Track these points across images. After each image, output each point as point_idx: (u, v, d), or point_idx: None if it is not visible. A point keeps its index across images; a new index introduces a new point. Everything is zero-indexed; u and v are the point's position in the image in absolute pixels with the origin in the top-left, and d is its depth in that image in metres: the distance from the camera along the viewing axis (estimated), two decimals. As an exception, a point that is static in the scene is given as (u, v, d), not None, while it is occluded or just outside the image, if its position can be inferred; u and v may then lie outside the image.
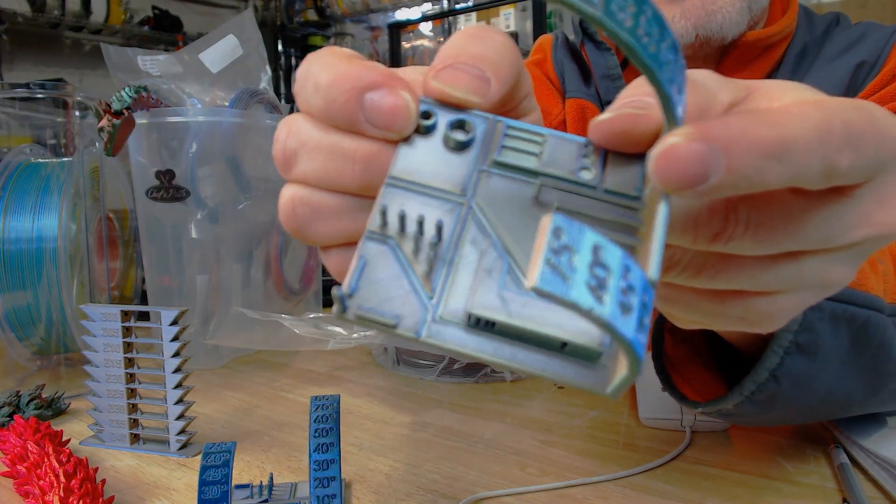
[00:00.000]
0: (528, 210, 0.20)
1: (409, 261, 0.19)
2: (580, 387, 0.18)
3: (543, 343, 0.18)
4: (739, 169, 0.16)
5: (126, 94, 0.61)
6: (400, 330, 0.18)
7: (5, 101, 0.71)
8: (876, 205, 0.20)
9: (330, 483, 0.35)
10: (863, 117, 0.18)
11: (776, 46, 0.68)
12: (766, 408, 0.34)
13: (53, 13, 3.09)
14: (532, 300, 0.18)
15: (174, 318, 0.44)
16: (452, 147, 0.20)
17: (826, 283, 0.22)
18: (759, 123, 0.17)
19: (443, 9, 3.27)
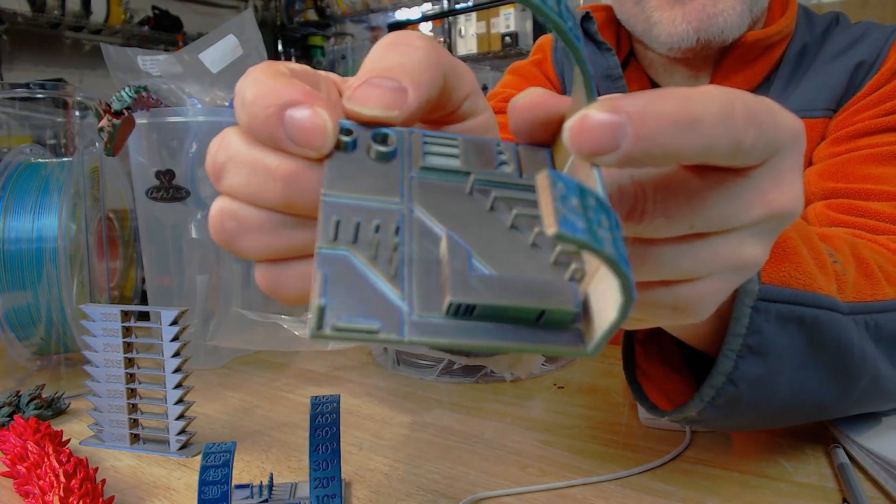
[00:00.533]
0: (467, 204, 0.21)
1: (370, 267, 0.18)
2: (564, 353, 0.18)
3: (521, 318, 0.18)
4: (647, 136, 0.18)
5: (126, 94, 0.61)
6: (382, 335, 0.17)
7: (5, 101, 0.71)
8: (772, 184, 0.22)
9: (330, 483, 0.35)
10: (762, 103, 0.20)
11: (776, 46, 0.68)
12: (730, 412, 0.35)
13: (53, 13, 3.09)
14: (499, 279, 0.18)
15: (174, 318, 0.44)
16: (378, 159, 0.21)
17: (741, 264, 0.23)
18: (666, 97, 0.18)
19: (443, 9, 3.28)
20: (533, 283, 0.19)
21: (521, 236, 0.20)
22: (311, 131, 0.20)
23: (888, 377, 0.38)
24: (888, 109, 0.60)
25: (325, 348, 0.61)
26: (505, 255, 0.19)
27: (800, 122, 0.23)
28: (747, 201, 0.22)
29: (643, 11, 0.67)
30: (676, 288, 0.23)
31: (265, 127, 0.20)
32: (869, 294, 0.37)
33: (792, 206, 0.23)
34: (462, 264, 0.19)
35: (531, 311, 0.18)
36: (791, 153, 0.22)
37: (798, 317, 0.33)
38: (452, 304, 0.18)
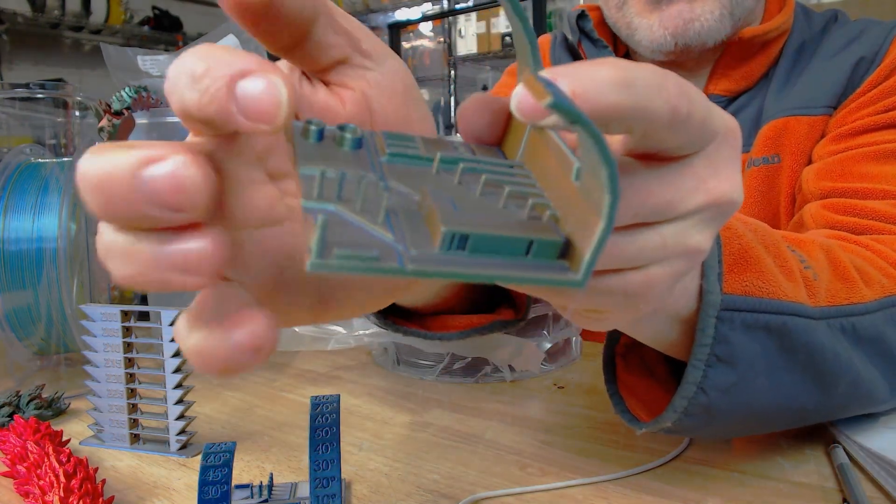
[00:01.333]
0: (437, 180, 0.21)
1: (357, 216, 0.19)
2: (555, 282, 0.19)
3: (511, 250, 0.19)
4: (582, 95, 0.19)
5: (126, 94, 0.61)
6: (382, 263, 0.17)
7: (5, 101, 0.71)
8: (710, 172, 0.23)
9: (330, 483, 0.35)
10: (691, 88, 0.21)
11: (773, 42, 0.68)
12: (706, 421, 0.35)
13: (53, 13, 3.09)
14: (486, 216, 0.19)
15: (174, 318, 0.44)
16: (344, 146, 0.21)
17: (687, 251, 0.24)
18: (600, 63, 0.20)
19: (443, 9, 3.28)
20: (517, 221, 0.20)
21: (492, 201, 0.20)
22: (264, 102, 0.18)
23: (870, 380, 0.38)
24: (888, 106, 0.60)
25: (326, 348, 0.61)
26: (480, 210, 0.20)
27: (733, 119, 0.24)
28: (688, 189, 0.23)
29: (625, 17, 0.68)
30: (627, 275, 0.24)
31: (216, 102, 0.18)
32: (844, 297, 0.37)
33: (731, 195, 0.24)
34: (447, 205, 0.19)
35: (521, 242, 0.19)
36: (726, 146, 0.24)
37: (764, 324, 0.33)
38: (446, 235, 0.18)
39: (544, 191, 0.21)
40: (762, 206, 0.66)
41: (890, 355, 0.39)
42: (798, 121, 0.65)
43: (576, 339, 0.66)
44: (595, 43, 0.75)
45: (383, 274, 0.17)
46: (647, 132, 0.21)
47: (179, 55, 0.20)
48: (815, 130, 0.65)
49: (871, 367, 0.38)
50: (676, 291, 0.31)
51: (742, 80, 0.69)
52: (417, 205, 0.20)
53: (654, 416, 0.38)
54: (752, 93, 0.69)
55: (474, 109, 0.24)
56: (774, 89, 0.67)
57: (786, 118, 0.65)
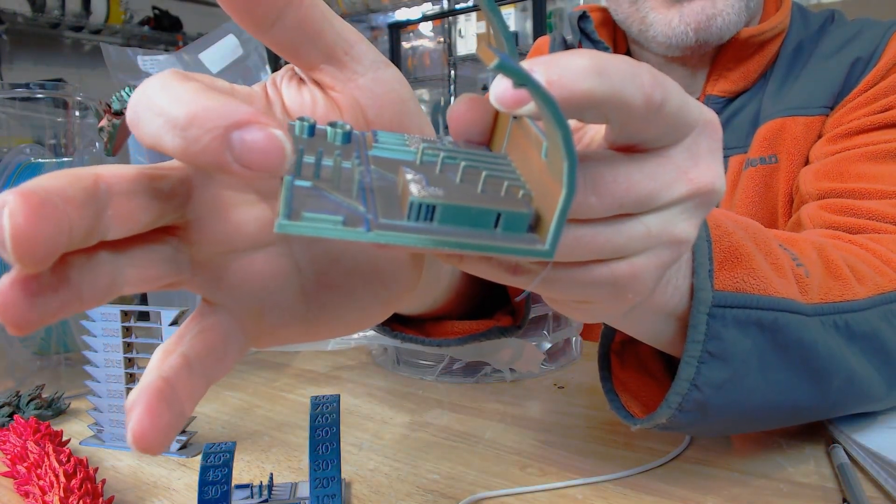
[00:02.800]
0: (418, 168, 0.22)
1: (332, 192, 0.19)
2: (522, 252, 0.19)
3: (480, 222, 0.19)
4: (557, 83, 0.19)
5: (126, 94, 0.61)
6: (348, 227, 0.18)
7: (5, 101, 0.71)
8: (690, 163, 0.24)
9: (330, 483, 0.35)
10: (668, 78, 0.22)
11: (770, 43, 0.68)
12: (701, 417, 0.35)
13: (53, 13, 3.09)
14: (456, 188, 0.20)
15: (174, 318, 0.44)
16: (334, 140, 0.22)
17: (673, 240, 0.25)
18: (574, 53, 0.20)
19: (443, 9, 3.28)
20: (488, 195, 0.20)
21: (470, 185, 0.21)
22: (268, 153, 0.18)
23: (864, 377, 0.38)
24: (884, 106, 0.60)
25: (326, 348, 0.61)
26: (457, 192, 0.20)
27: (713, 112, 0.25)
28: (669, 179, 0.24)
29: (639, 12, 0.68)
30: (613, 264, 0.24)
31: (208, 152, 0.18)
32: (837, 295, 0.38)
33: (712, 184, 0.24)
34: (420, 181, 0.20)
35: (489, 213, 0.19)
36: (705, 137, 0.24)
37: (756, 320, 0.33)
38: (414, 204, 0.18)
39: (523, 177, 0.22)
40: (759, 207, 0.66)
41: (885, 352, 0.39)
42: (795, 121, 0.65)
43: (576, 339, 0.66)
44: (595, 44, 0.75)
45: (348, 237, 0.18)
46: (623, 121, 0.22)
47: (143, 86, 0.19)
48: (812, 130, 0.65)
49: (866, 364, 0.38)
50: (669, 289, 0.31)
51: (740, 81, 0.69)
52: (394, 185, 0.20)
53: (648, 412, 0.38)
54: (749, 94, 0.69)
55: (463, 109, 0.25)
56: (772, 90, 0.68)
57: (783, 119, 0.66)
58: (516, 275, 0.25)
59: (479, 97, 0.25)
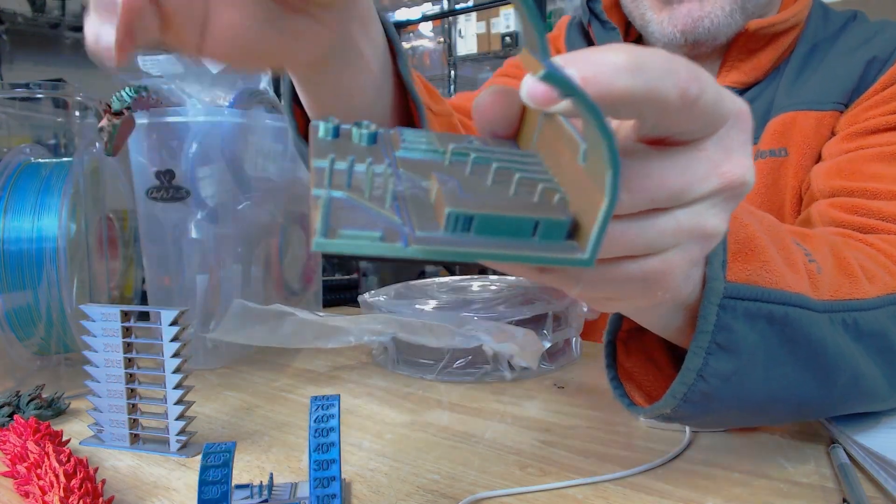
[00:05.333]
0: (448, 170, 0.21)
1: (365, 203, 0.19)
2: (561, 261, 0.19)
3: (517, 230, 0.19)
4: (593, 80, 0.19)
5: (126, 94, 0.61)
6: (386, 242, 0.18)
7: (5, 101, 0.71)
8: (723, 156, 0.24)
9: (330, 483, 0.35)
10: (703, 72, 0.22)
11: (783, 35, 0.68)
12: (705, 409, 0.35)
13: (53, 13, 3.09)
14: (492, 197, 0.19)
15: (174, 318, 0.44)
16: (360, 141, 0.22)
17: (703, 234, 0.25)
18: (610, 48, 0.20)
19: (443, 9, 3.27)
20: (525, 201, 0.20)
21: (502, 188, 0.21)
22: None
23: (869, 376, 0.38)
24: None
25: (326, 346, 0.61)
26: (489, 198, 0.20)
27: (744, 103, 0.25)
28: (701, 173, 0.23)
29: (638, 9, 0.69)
30: (644, 261, 0.24)
31: None
32: (847, 293, 0.38)
33: (743, 177, 0.24)
34: (454, 189, 0.19)
35: (527, 222, 0.19)
36: (737, 128, 0.24)
37: (767, 314, 0.33)
38: (451, 216, 0.18)
39: (555, 176, 0.21)
40: (767, 199, 0.66)
41: (891, 352, 0.39)
42: (806, 115, 0.65)
43: (576, 339, 0.66)
44: (604, 25, 0.76)
45: (386, 253, 0.18)
46: (657, 117, 0.21)
47: None
48: (823, 125, 0.65)
49: (871, 363, 0.38)
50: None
51: (751, 72, 0.69)
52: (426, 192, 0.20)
53: (652, 402, 0.38)
54: (762, 85, 0.69)
55: (489, 102, 0.24)
56: (786, 83, 0.68)
57: (794, 112, 0.66)
58: (545, 272, 0.25)
59: (507, 89, 0.24)
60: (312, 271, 0.82)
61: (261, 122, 0.70)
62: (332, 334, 0.61)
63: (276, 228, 0.74)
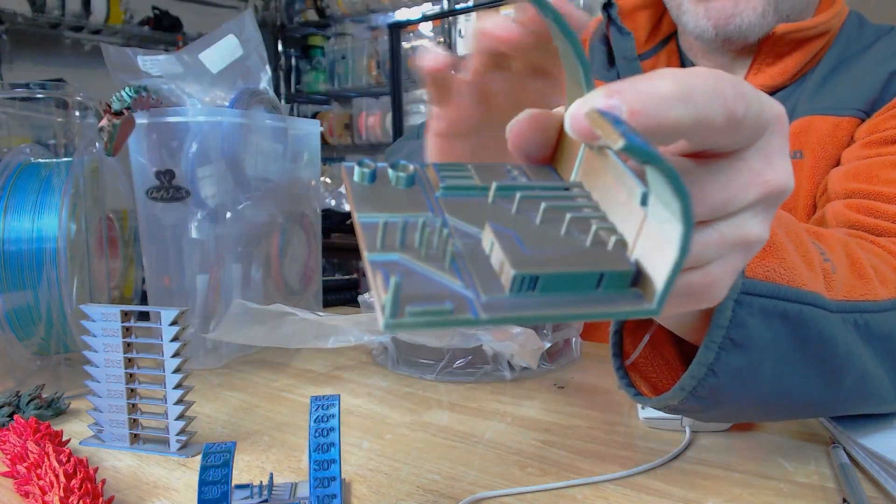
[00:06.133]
0: (494, 211, 0.21)
1: (424, 264, 0.18)
2: (630, 314, 0.19)
3: (582, 285, 0.18)
4: (641, 111, 0.19)
5: (126, 94, 0.61)
6: (456, 315, 0.17)
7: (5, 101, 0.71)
8: (764, 164, 0.23)
9: (330, 483, 0.35)
10: (744, 84, 0.22)
11: (811, 42, 0.68)
12: (712, 403, 0.35)
13: (53, 13, 3.08)
14: (552, 252, 0.19)
15: (174, 318, 0.44)
16: (398, 185, 0.21)
17: (746, 244, 0.24)
18: (656, 77, 0.20)
19: (443, 9, 3.27)
20: (585, 253, 0.19)
21: (553, 229, 0.20)
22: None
23: (876, 378, 0.39)
24: None
25: (326, 346, 0.61)
26: (544, 242, 0.20)
27: (780, 105, 0.24)
28: (744, 183, 0.23)
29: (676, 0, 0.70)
30: (688, 274, 0.24)
31: None
32: (860, 293, 0.38)
33: (785, 184, 0.24)
34: (513, 244, 0.19)
35: (591, 276, 0.18)
36: (776, 134, 0.24)
37: (781, 311, 0.33)
38: (516, 279, 0.18)
39: (606, 212, 0.21)
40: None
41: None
42: (824, 120, 0.66)
43: (576, 338, 0.66)
44: (620, 30, 0.76)
45: (457, 326, 0.17)
46: (703, 137, 0.21)
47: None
48: (840, 130, 0.65)
49: (878, 365, 0.38)
50: None
51: (778, 77, 0.69)
52: (481, 242, 0.20)
53: (657, 394, 0.38)
54: (788, 90, 0.70)
55: (525, 126, 0.24)
56: (810, 89, 0.68)
57: (812, 117, 0.66)
58: None
59: (543, 112, 0.24)
60: (312, 271, 0.82)
61: (261, 122, 0.70)
62: (332, 334, 0.61)
63: (276, 228, 0.74)
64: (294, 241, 0.78)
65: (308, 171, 0.80)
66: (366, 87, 3.63)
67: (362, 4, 3.55)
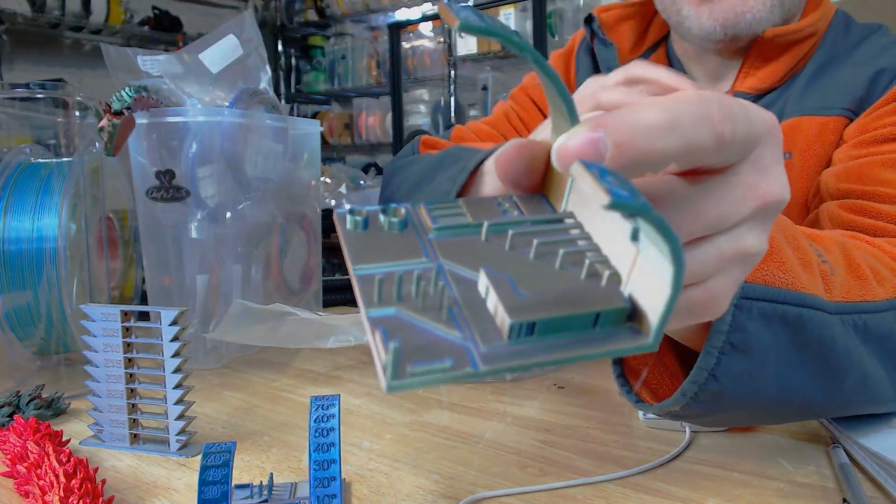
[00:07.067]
0: (488, 249, 0.21)
1: (421, 317, 0.19)
2: (628, 351, 0.19)
3: (578, 325, 0.19)
4: (627, 144, 0.19)
5: (126, 94, 0.61)
6: (457, 371, 0.17)
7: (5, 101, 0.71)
8: (758, 176, 0.23)
9: (330, 483, 0.35)
10: (733, 101, 0.22)
11: (799, 44, 0.68)
12: (714, 408, 0.35)
13: (53, 13, 3.09)
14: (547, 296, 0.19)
15: (174, 318, 0.44)
16: (391, 230, 0.22)
17: (745, 257, 0.24)
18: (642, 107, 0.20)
19: (443, 9, 3.27)
20: (579, 292, 0.19)
21: (546, 264, 0.20)
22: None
23: (876, 378, 0.39)
24: None
25: (326, 346, 0.61)
26: (538, 279, 0.20)
27: (772, 115, 0.24)
28: (739, 197, 0.23)
29: (674, 5, 0.70)
30: (689, 290, 0.24)
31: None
32: (858, 294, 0.38)
33: (780, 195, 0.24)
34: (509, 290, 0.19)
35: (587, 317, 0.19)
36: (769, 145, 0.24)
37: (781, 315, 0.33)
38: (514, 327, 0.18)
39: (598, 244, 0.21)
40: None
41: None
42: (811, 120, 0.66)
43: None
44: (604, 42, 0.77)
45: (458, 380, 0.18)
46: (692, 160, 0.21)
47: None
48: (827, 130, 0.65)
49: (878, 365, 0.39)
50: None
51: (767, 80, 0.69)
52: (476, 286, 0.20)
53: (658, 400, 0.38)
54: (777, 92, 0.70)
55: (513, 156, 0.24)
56: (798, 91, 0.68)
57: (799, 117, 0.66)
58: None
59: (530, 142, 0.24)
60: (312, 271, 0.82)
61: (261, 122, 0.70)
62: (331, 334, 0.61)
63: (276, 228, 0.74)
64: (294, 241, 0.78)
65: (308, 171, 0.80)
66: (366, 87, 3.64)
67: (362, 4, 3.55)
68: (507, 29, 0.20)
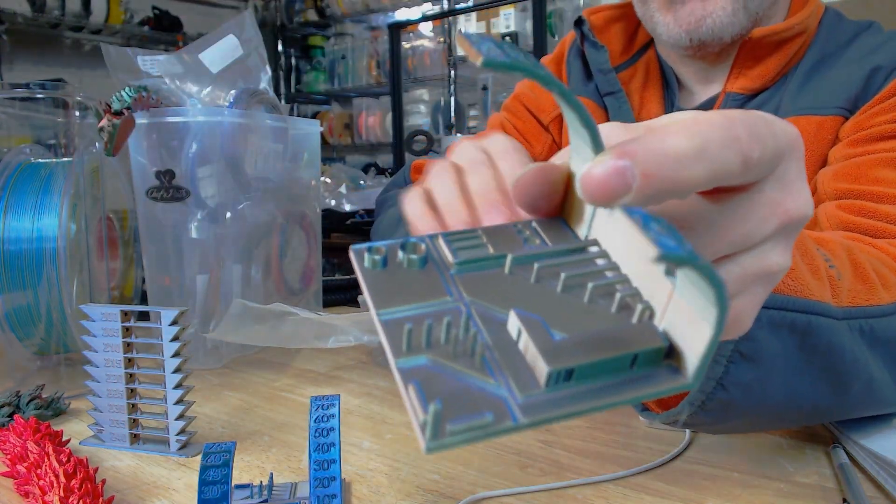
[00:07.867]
0: (513, 283, 0.21)
1: (454, 365, 0.18)
2: (668, 391, 0.18)
3: (616, 368, 0.18)
4: (655, 173, 0.18)
5: (126, 94, 0.61)
6: (497, 426, 0.17)
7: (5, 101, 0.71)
8: (783, 193, 0.23)
9: (330, 483, 0.35)
10: (757, 117, 0.22)
11: (788, 43, 0.68)
12: (722, 416, 0.35)
13: (53, 13, 3.09)
14: (582, 338, 0.18)
15: (174, 318, 0.44)
16: (412, 267, 0.21)
17: (768, 274, 0.24)
18: (668, 133, 0.19)
19: (443, 9, 3.27)
20: (614, 333, 0.19)
21: (575, 298, 0.20)
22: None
23: (881, 381, 0.38)
24: None
25: (326, 346, 0.61)
26: (569, 317, 0.19)
27: (794, 127, 0.24)
28: (763, 216, 0.22)
29: (648, 12, 0.70)
30: None
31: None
32: (864, 299, 0.37)
33: (805, 211, 0.23)
34: (542, 333, 0.18)
35: (625, 359, 0.18)
36: (792, 159, 0.23)
37: (790, 322, 0.33)
38: (552, 375, 0.17)
39: (627, 275, 0.20)
40: None
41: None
42: (808, 120, 0.65)
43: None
44: (594, 44, 0.77)
45: (499, 435, 0.17)
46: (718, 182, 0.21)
47: None
48: (824, 130, 0.65)
49: (883, 369, 0.38)
50: None
51: (758, 79, 0.69)
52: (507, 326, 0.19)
53: (664, 409, 0.38)
54: (769, 92, 0.70)
55: (531, 180, 0.23)
56: (792, 90, 0.68)
57: (796, 117, 0.66)
58: None
59: (549, 165, 0.23)
60: (312, 271, 0.82)
61: (261, 122, 0.70)
62: (332, 334, 0.61)
63: (276, 228, 0.74)
64: (294, 241, 0.78)
65: (308, 171, 0.80)
66: (366, 87, 3.64)
67: (362, 4, 3.55)
68: (531, 61, 0.20)
